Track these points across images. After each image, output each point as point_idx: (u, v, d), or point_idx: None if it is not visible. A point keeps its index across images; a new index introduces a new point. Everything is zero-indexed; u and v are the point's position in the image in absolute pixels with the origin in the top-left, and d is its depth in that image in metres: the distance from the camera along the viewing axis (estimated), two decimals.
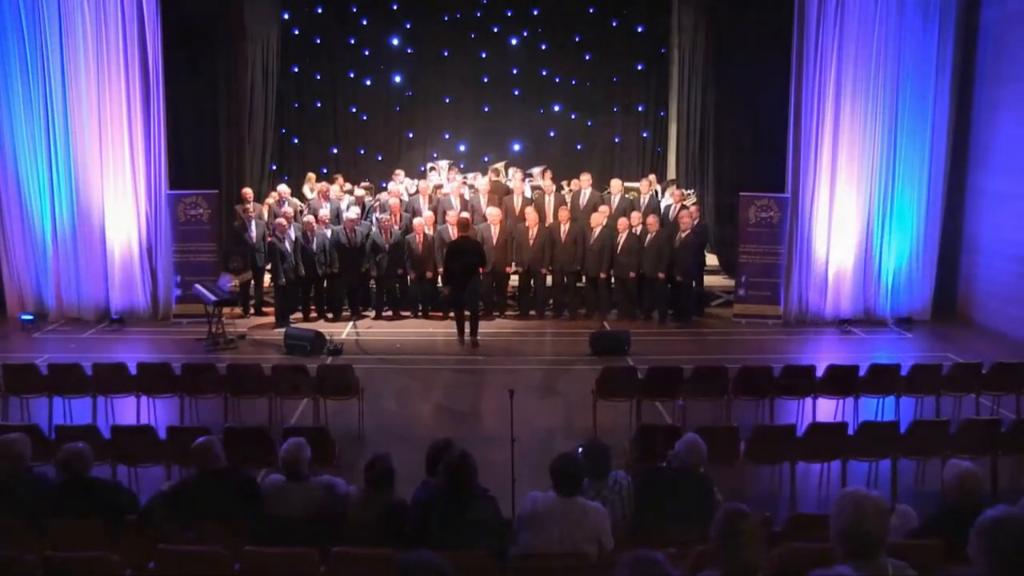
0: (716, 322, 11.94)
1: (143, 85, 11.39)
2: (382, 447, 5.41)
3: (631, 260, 11.57)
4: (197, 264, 11.69)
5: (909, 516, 4.09)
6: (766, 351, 10.25)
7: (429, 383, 9.24)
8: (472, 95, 17.38)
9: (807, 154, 11.56)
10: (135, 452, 6.08)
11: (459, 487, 4.04)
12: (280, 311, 11.47)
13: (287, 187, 13.34)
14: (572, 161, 16.56)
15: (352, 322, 11.62)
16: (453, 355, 10.14)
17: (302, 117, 17.23)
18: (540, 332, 11.42)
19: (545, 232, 11.83)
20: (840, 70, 11.39)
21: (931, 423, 6.61)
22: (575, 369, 9.51)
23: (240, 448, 5.69)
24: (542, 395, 8.65)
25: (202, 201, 11.75)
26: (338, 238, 11.60)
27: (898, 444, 6.25)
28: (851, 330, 11.40)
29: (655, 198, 12.96)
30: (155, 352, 10.11)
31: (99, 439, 5.94)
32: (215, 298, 10.29)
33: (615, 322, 11.65)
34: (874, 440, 6.24)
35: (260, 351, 10.11)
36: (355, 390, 7.53)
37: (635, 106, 17.61)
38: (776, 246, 11.83)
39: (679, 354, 9.71)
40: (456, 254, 10.33)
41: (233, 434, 6.00)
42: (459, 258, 10.27)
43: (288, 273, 11.26)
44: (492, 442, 6.18)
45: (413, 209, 12.41)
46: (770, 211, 11.79)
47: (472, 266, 10.40)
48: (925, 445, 6.26)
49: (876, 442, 6.24)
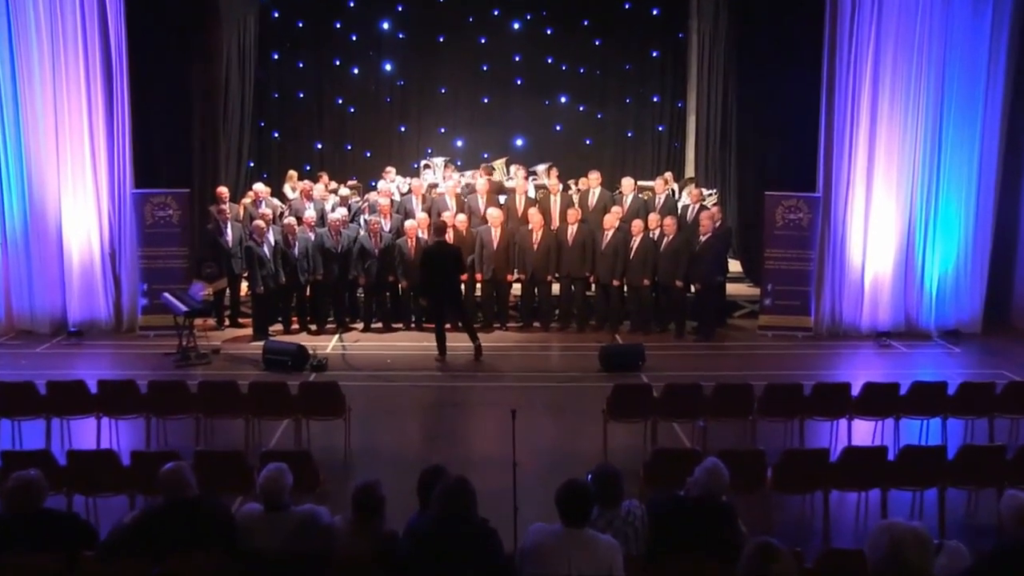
0: (739, 335, 11.96)
1: (104, 72, 11.44)
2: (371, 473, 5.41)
3: (645, 266, 11.58)
4: (166, 270, 11.66)
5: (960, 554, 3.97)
6: (795, 367, 10.25)
7: (423, 402, 9.25)
8: (470, 85, 17.52)
9: (840, 149, 11.60)
10: (94, 480, 6.06)
11: (456, 517, 4.03)
12: (258, 323, 11.46)
13: (266, 186, 13.36)
14: (580, 158, 16.59)
15: (338, 335, 11.65)
16: (448, 371, 10.18)
17: (283, 109, 17.34)
18: (545, 346, 11.46)
19: (551, 236, 11.85)
20: (878, 56, 11.42)
21: (984, 448, 6.57)
22: (584, 386, 9.52)
23: (213, 474, 5.70)
24: (547, 415, 8.65)
25: (172, 201, 11.74)
26: (322, 242, 11.62)
27: (946, 472, 6.21)
28: (890, 344, 11.43)
29: (672, 198, 13.01)
30: (118, 368, 10.10)
31: (53, 466, 5.92)
32: (186, 308, 10.28)
33: (628, 335, 11.68)
34: (918, 467, 6.22)
35: (236, 367, 10.12)
36: (341, 410, 7.53)
37: (650, 97, 17.72)
38: (806, 251, 11.84)
39: (698, 370, 9.71)
40: (432, 261, 10.32)
41: (205, 459, 6.01)
42: (435, 265, 10.28)
43: (267, 281, 11.26)
44: (492, 467, 6.24)
45: (405, 210, 12.45)
46: (799, 212, 11.80)
47: (449, 274, 10.41)
48: (977, 473, 6.21)
49: (920, 469, 6.22)
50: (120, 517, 4.87)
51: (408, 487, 4.60)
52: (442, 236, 10.61)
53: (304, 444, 7.39)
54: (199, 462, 5.78)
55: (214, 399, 7.56)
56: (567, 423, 8.46)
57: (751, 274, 13.57)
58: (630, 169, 16.47)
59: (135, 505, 5.96)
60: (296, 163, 16.21)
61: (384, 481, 4.49)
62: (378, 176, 14.42)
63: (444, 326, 10.53)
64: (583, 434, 7.92)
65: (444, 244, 10.54)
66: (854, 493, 6.40)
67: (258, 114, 16.56)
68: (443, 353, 10.46)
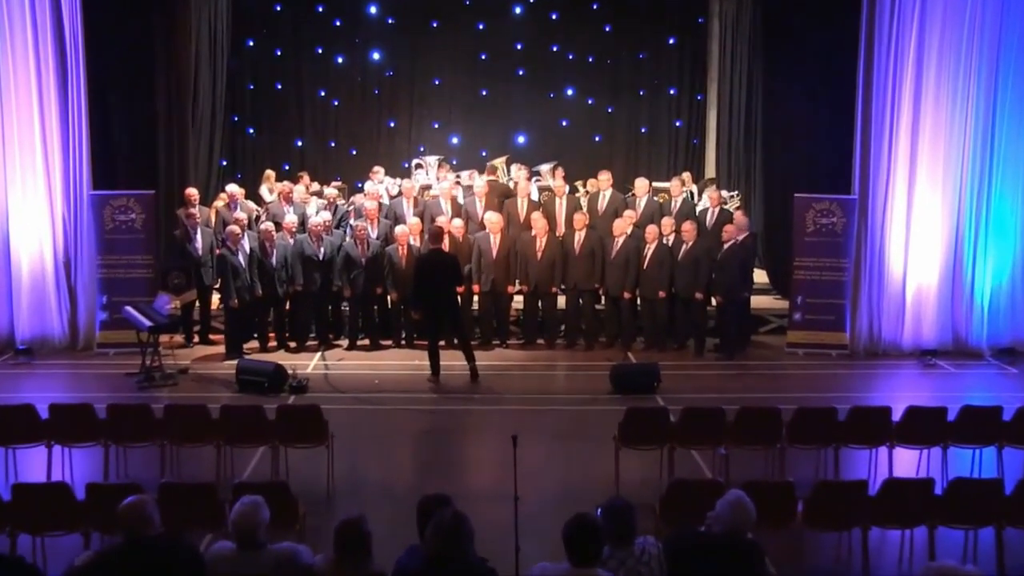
0: (766, 353, 11.99)
1: (58, 60, 11.42)
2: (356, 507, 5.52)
3: (661, 277, 11.56)
4: (128, 281, 11.64)
5: None
6: (829, 388, 10.27)
7: (414, 428, 9.24)
8: (467, 76, 17.51)
9: (879, 144, 11.56)
10: (44, 517, 5.99)
11: (450, 556, 4.02)
12: (231, 339, 11.45)
13: (240, 187, 13.30)
14: (589, 157, 16.60)
15: (320, 353, 11.67)
16: (442, 393, 10.20)
17: (259, 102, 17.34)
18: (550, 365, 11.48)
19: (556, 243, 11.87)
20: (922, 39, 11.39)
21: None
22: (593, 410, 9.54)
23: (180, 509, 5.68)
24: (552, 442, 8.66)
25: (134, 203, 11.72)
26: (303, 250, 11.62)
27: (1003, 508, 6.15)
28: (936, 363, 11.42)
29: (690, 201, 13.02)
30: (73, 390, 10.09)
31: None
32: (150, 323, 10.27)
33: (642, 353, 11.69)
34: (970, 502, 6.16)
35: (206, 388, 10.16)
36: (323, 436, 7.53)
37: (666, 89, 17.72)
38: (840, 259, 11.81)
39: (720, 392, 9.75)
40: (426, 271, 10.38)
41: (171, 492, 6.00)
42: (429, 276, 10.34)
43: (241, 293, 11.23)
44: (491, 500, 6.33)
45: (395, 215, 12.43)
46: (832, 216, 11.79)
47: (445, 285, 10.44)
48: None
49: (973, 505, 6.16)
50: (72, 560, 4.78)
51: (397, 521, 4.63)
52: (438, 243, 10.61)
53: (282, 475, 7.37)
54: (164, 495, 5.77)
55: (181, 425, 7.51)
56: (574, 451, 8.45)
57: (779, 285, 13.53)
58: (644, 169, 16.43)
59: (90, 545, 5.91)
60: (274, 162, 16.19)
61: (371, 516, 4.47)
62: (365, 177, 14.40)
63: (438, 343, 10.53)
64: (592, 463, 7.92)
65: (440, 252, 10.54)
66: (897, 531, 6.36)
67: (231, 108, 16.54)
68: (436, 373, 10.48)
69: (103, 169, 11.92)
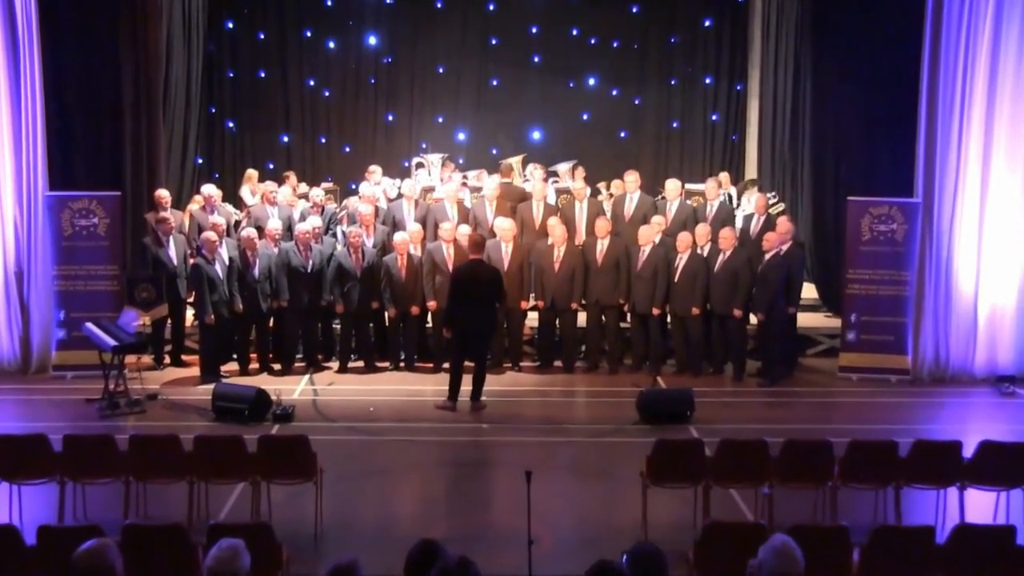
0: (815, 378, 11.98)
1: (8, 44, 11.46)
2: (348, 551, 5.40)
3: (695, 291, 11.55)
4: (89, 294, 11.63)
5: None
6: (888, 419, 10.24)
7: (415, 461, 9.21)
8: (475, 63, 17.77)
9: (947, 142, 11.53)
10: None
11: None
12: (207, 361, 11.46)
13: (218, 189, 13.33)
14: (613, 155, 16.80)
15: (308, 376, 11.70)
16: (448, 422, 10.14)
17: (240, 92, 17.42)
18: (568, 391, 11.52)
19: (576, 253, 11.87)
20: (999, 24, 11.37)
21: None
22: (617, 442, 9.54)
23: (146, 554, 5.64)
24: (571, 478, 8.68)
25: (97, 206, 11.73)
26: (289, 260, 11.61)
27: None
28: (1015, 391, 11.34)
29: (728, 205, 13.03)
30: (24, 419, 10.10)
31: None
32: (115, 342, 10.25)
33: (673, 377, 11.68)
34: None
35: (178, 416, 10.16)
36: (311, 471, 7.51)
37: (701, 78, 17.82)
38: (901, 272, 11.77)
39: (763, 422, 9.74)
40: (467, 284, 10.37)
41: (136, 534, 5.91)
42: (469, 288, 10.33)
43: (219, 308, 11.24)
44: (502, 544, 6.50)
45: (393, 220, 12.48)
46: (892, 223, 11.76)
47: (488, 301, 10.51)
48: None
49: None
50: None
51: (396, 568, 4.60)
52: (479, 253, 10.68)
53: (264, 515, 7.36)
54: (128, 539, 5.71)
55: (149, 458, 7.47)
56: (596, 489, 8.46)
57: (829, 301, 13.51)
58: (676, 169, 16.50)
59: None
60: (256, 160, 16.41)
61: (365, 561, 4.48)
62: (359, 177, 14.36)
63: (462, 364, 10.49)
64: (616, 503, 7.93)
65: (480, 264, 10.59)
66: None
67: (208, 98, 16.66)
68: (454, 398, 10.44)
69: (61, 167, 11.97)
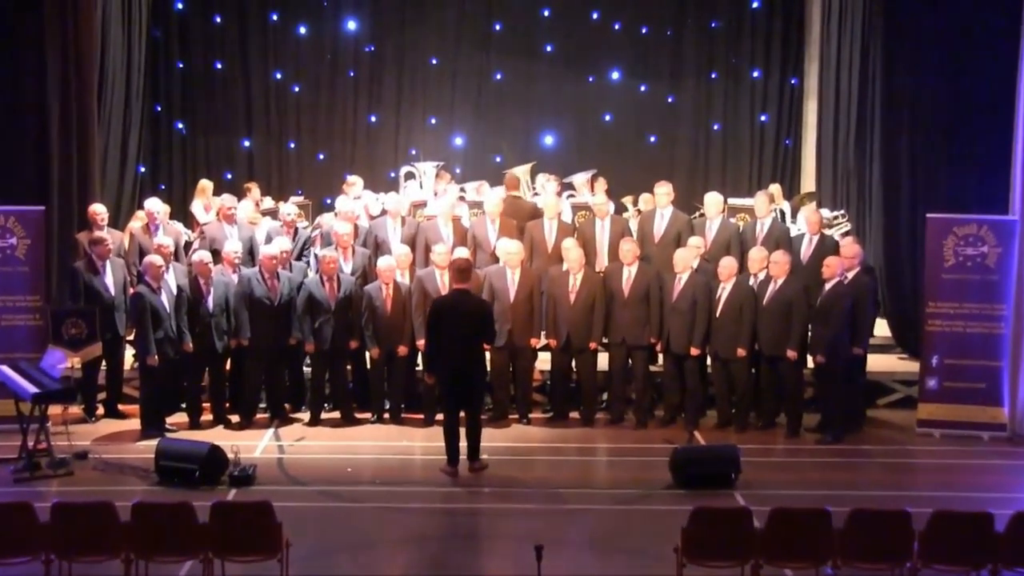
0: (888, 434, 11.64)
1: None
2: None
3: (740, 328, 11.11)
4: (4, 331, 11.44)
5: None
6: (980, 486, 9.93)
7: (401, 533, 8.98)
8: (475, 55, 17.49)
9: None
10: None
11: None
12: (149, 411, 11.09)
13: (165, 203, 13.13)
14: (641, 163, 16.76)
15: (273, 430, 11.33)
16: (442, 486, 9.86)
17: (191, 87, 17.13)
18: (587, 447, 11.18)
19: (596, 281, 11.44)
20: None
21: None
22: (645, 510, 9.30)
23: None
24: (590, 554, 8.54)
25: (15, 224, 11.46)
26: (251, 289, 11.20)
27: None
28: None
29: (780, 224, 12.68)
30: None
31: None
32: (36, 390, 9.96)
33: (713, 432, 11.28)
34: None
35: (113, 479, 9.85)
36: (275, 545, 7.23)
37: (746, 72, 17.57)
38: (994, 304, 11.35)
39: (824, 488, 9.44)
40: (446, 318, 10.07)
41: None
42: (451, 325, 10.01)
43: (164, 346, 10.88)
44: None
45: (376, 242, 12.19)
46: (982, 245, 11.33)
47: (472, 338, 10.11)
48: None
49: None
50: None
51: None
52: (465, 282, 10.29)
53: None
54: None
55: (77, 530, 7.16)
56: (621, 566, 8.17)
57: (905, 340, 13.12)
58: (717, 181, 16.45)
59: None
60: (211, 169, 16.35)
61: None
62: (336, 191, 14.39)
63: (457, 418, 10.14)
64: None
65: (466, 295, 10.26)
66: None
67: (152, 95, 16.44)
68: (454, 461, 10.07)
69: None
